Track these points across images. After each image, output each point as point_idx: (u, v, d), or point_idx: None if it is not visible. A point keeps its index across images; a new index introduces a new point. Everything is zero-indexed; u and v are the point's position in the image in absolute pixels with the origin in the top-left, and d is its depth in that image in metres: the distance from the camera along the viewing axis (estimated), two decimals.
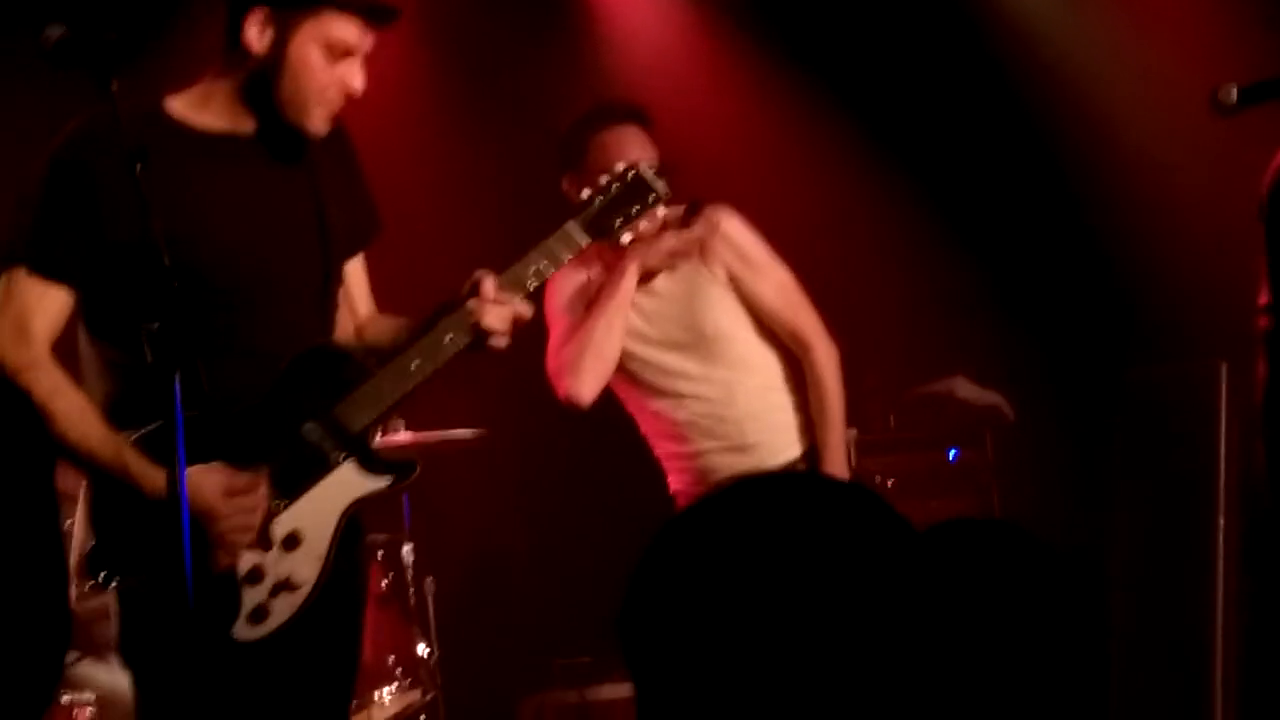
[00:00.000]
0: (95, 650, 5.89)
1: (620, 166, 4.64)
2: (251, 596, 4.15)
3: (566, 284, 5.67)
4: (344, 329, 4.49)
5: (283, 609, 4.18)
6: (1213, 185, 7.28)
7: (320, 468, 4.26)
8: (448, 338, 4.36)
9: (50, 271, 4.11)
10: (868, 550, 2.00)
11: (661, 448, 5.78)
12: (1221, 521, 6.60)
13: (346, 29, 4.18)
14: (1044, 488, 7.51)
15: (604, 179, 4.62)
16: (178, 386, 3.73)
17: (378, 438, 4.90)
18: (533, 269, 4.45)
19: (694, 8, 8.20)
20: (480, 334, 4.34)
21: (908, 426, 7.71)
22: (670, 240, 5.56)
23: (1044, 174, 8.07)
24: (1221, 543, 6.52)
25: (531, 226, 6.57)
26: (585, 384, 5.45)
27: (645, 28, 8.18)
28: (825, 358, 5.67)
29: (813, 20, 8.18)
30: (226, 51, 4.25)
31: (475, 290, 4.36)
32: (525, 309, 4.42)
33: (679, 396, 5.67)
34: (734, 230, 5.64)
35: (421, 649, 6.96)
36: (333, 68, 4.18)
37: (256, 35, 4.17)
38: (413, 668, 6.92)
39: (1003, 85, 8.04)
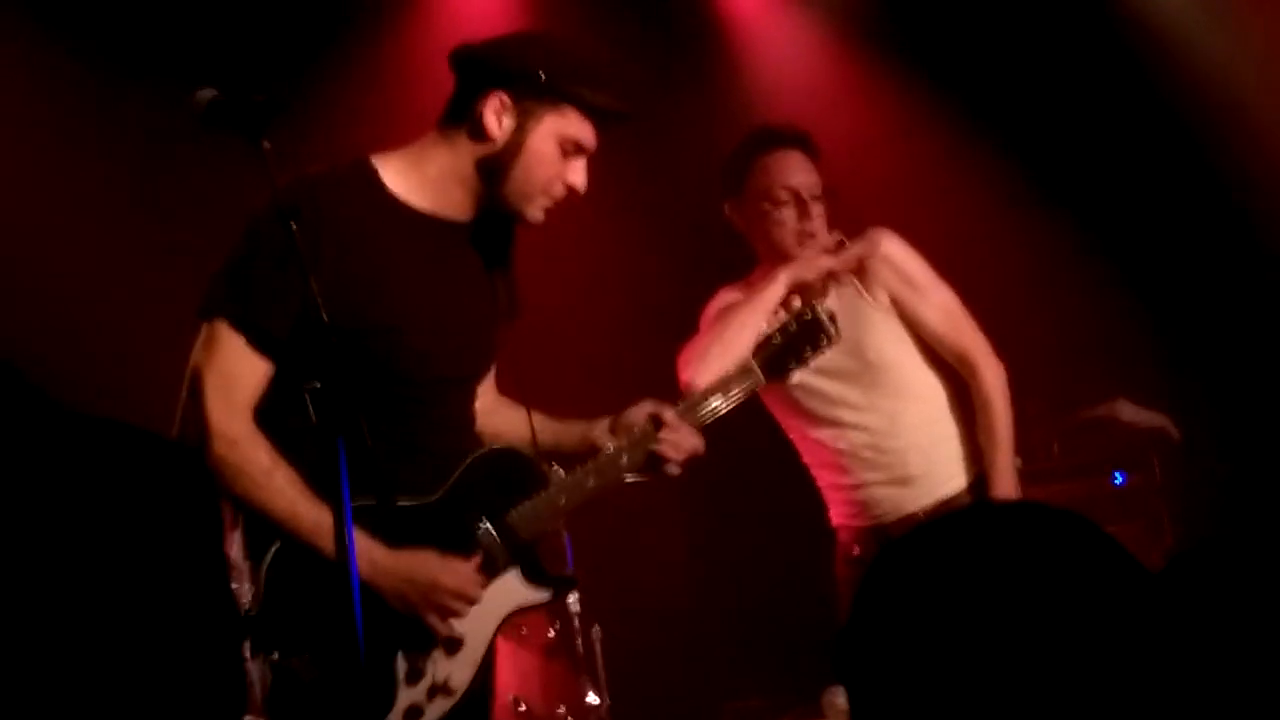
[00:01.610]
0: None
1: (798, 304, 4.78)
2: (407, 695, 4.14)
3: (725, 298, 5.65)
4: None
5: (434, 712, 4.18)
6: None
7: (488, 571, 4.26)
8: (624, 459, 4.44)
9: (260, 342, 4.10)
10: (1093, 582, 1.95)
11: (823, 478, 5.73)
12: None
13: (585, 129, 4.23)
14: (1214, 507, 7.39)
15: (783, 317, 4.73)
16: (342, 446, 3.71)
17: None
18: (710, 405, 4.58)
19: (839, 34, 8.18)
20: (656, 461, 4.43)
21: (1072, 453, 7.61)
22: (828, 259, 5.51)
23: (1204, 189, 7.96)
24: None
25: (689, 262, 6.59)
26: (706, 377, 5.14)
27: (790, 56, 8.18)
28: (993, 378, 5.61)
29: (959, 41, 8.14)
30: (449, 124, 4.26)
31: (655, 420, 4.45)
32: (700, 443, 4.50)
33: (841, 425, 5.61)
34: (895, 252, 5.60)
35: (591, 698, 6.93)
36: (563, 163, 4.22)
37: (496, 120, 4.17)
38: (584, 717, 6.89)
39: (1158, 101, 7.96)
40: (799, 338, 4.72)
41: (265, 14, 7.39)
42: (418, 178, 4.24)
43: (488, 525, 4.26)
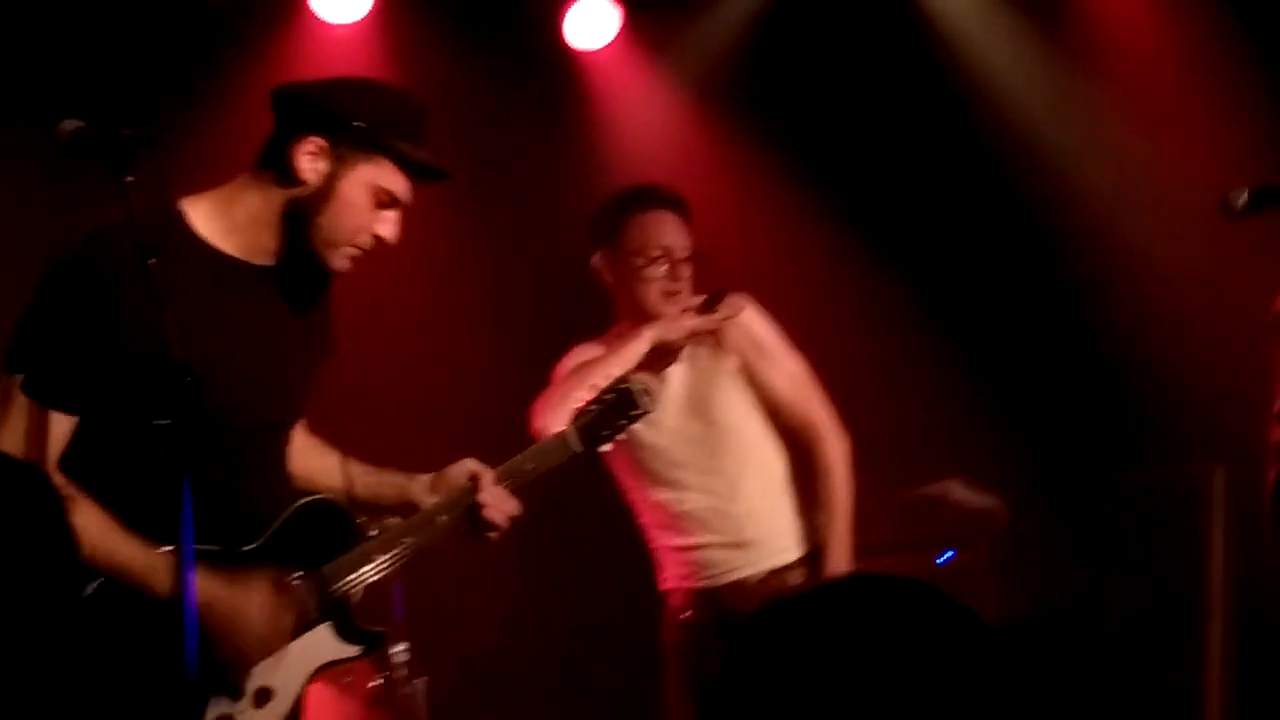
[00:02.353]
0: None
1: (615, 373, 4.88)
2: None
3: (576, 356, 5.72)
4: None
5: None
6: (1212, 290, 7.31)
7: (300, 625, 4.24)
8: (441, 518, 4.45)
9: (51, 400, 4.05)
10: (946, 649, 2.00)
11: (660, 539, 5.77)
12: (1214, 627, 6.61)
13: (399, 181, 4.20)
14: (1040, 590, 7.48)
15: (600, 389, 4.76)
16: (187, 484, 3.70)
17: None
18: (527, 467, 4.59)
19: (697, 94, 8.23)
20: (475, 523, 4.45)
21: (903, 530, 7.68)
22: (692, 320, 5.56)
23: (1042, 274, 8.08)
24: (1213, 647, 6.51)
25: (530, 311, 6.60)
26: (558, 428, 5.18)
27: (648, 113, 8.22)
28: (836, 450, 5.70)
29: (822, 121, 8.21)
30: (262, 165, 4.22)
31: (474, 482, 4.45)
32: (515, 506, 4.52)
33: (683, 488, 5.67)
34: (749, 318, 5.69)
35: None
36: (374, 212, 4.19)
37: (309, 164, 4.14)
38: None
39: (1004, 186, 8.07)
40: (613, 408, 4.73)
41: (134, 46, 7.35)
42: (226, 221, 4.19)
43: (300, 577, 4.23)
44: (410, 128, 4.21)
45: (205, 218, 4.20)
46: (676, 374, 5.68)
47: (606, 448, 4.77)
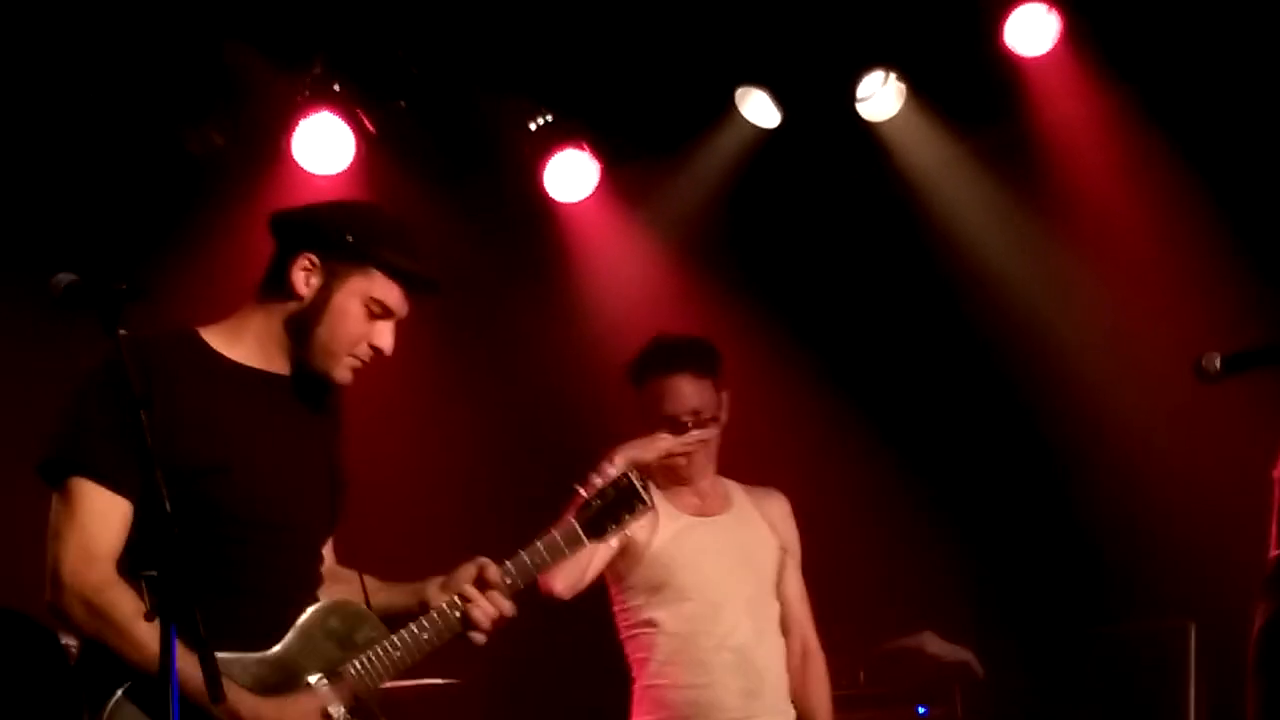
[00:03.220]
0: None
1: (614, 473, 4.90)
2: None
3: None
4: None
5: None
6: (1185, 449, 7.37)
7: None
8: (456, 614, 4.47)
9: (115, 483, 4.09)
10: None
11: (653, 676, 5.79)
12: None
13: (391, 292, 4.31)
14: None
15: (599, 483, 4.86)
16: (174, 636, 3.71)
17: None
18: (536, 560, 4.64)
19: (673, 249, 8.31)
20: (465, 622, 4.47)
21: (877, 682, 7.68)
22: (666, 440, 5.70)
23: (1020, 431, 8.14)
24: None
25: (518, 478, 6.67)
26: (561, 580, 5.55)
27: (627, 270, 8.29)
28: (825, 669, 6.01)
29: (796, 272, 8.31)
30: (265, 289, 4.37)
31: (481, 578, 4.51)
32: (509, 607, 4.53)
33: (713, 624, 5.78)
34: (790, 517, 6.08)
35: None
36: (369, 323, 4.31)
37: (304, 279, 4.28)
38: None
39: (981, 343, 8.15)
40: (616, 503, 4.80)
41: (122, 196, 7.41)
42: (238, 340, 4.32)
43: (323, 678, 4.26)
44: (395, 238, 4.35)
45: (219, 339, 4.33)
46: (722, 522, 5.89)
47: (612, 541, 4.98)
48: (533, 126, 7.87)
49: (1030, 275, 8.12)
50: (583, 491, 4.90)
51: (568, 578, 5.57)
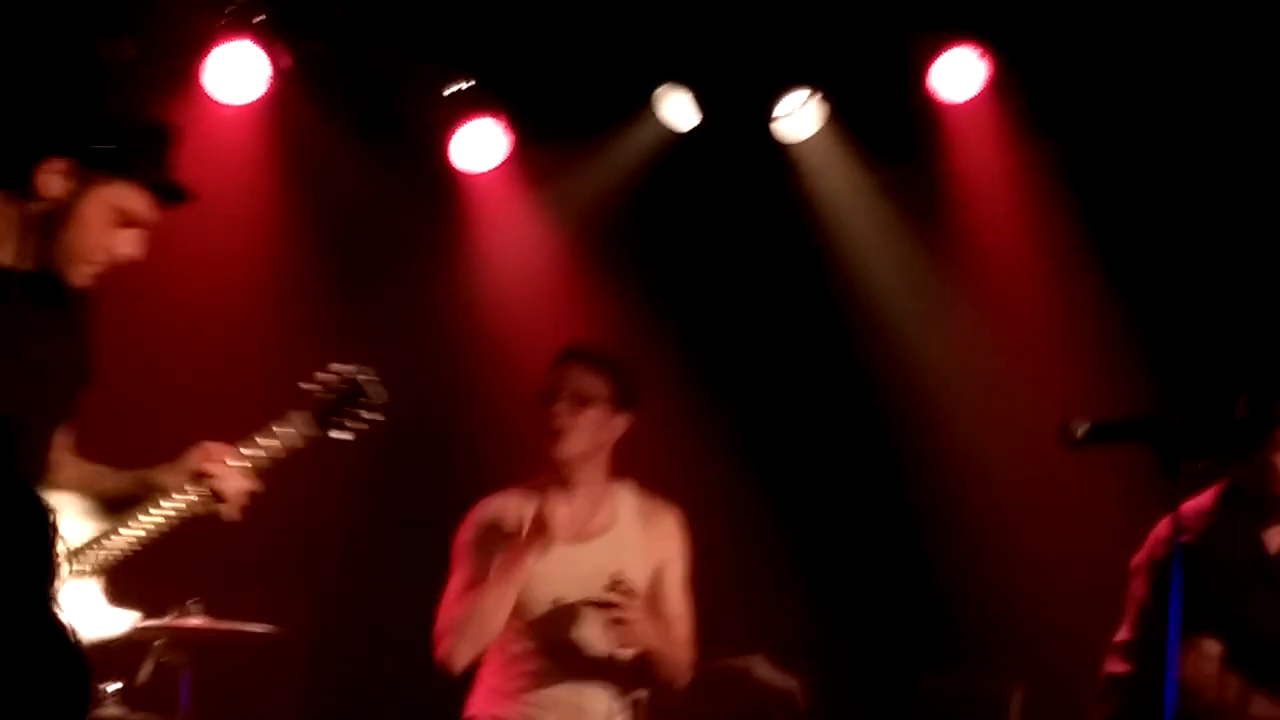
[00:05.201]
0: None
1: (341, 367, 4.92)
2: None
3: (484, 516, 5.87)
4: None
5: None
6: (1045, 512, 7.39)
7: None
8: (179, 496, 4.59)
9: None
10: None
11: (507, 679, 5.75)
12: None
13: (138, 201, 4.43)
14: None
15: (331, 378, 4.89)
16: None
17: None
18: (263, 447, 4.73)
19: (574, 234, 8.28)
20: (213, 496, 4.61)
21: (702, 698, 7.64)
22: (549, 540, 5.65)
23: (883, 470, 8.15)
24: None
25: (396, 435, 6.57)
26: (460, 655, 5.63)
27: (524, 248, 8.25)
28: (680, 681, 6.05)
29: (692, 279, 8.30)
30: (17, 186, 4.42)
31: (206, 455, 4.62)
32: (248, 484, 4.68)
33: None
34: (679, 536, 6.05)
35: None
36: (113, 231, 4.40)
37: (50, 181, 4.35)
38: None
39: (860, 379, 8.17)
40: (346, 398, 4.87)
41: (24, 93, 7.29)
42: None
43: None
44: (148, 148, 4.47)
45: None
46: (594, 548, 5.86)
47: (342, 435, 4.88)
48: (449, 91, 7.79)
49: (919, 316, 8.14)
50: (303, 386, 4.90)
51: (474, 642, 5.64)
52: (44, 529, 1.80)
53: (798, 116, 7.82)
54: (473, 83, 7.74)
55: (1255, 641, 5.49)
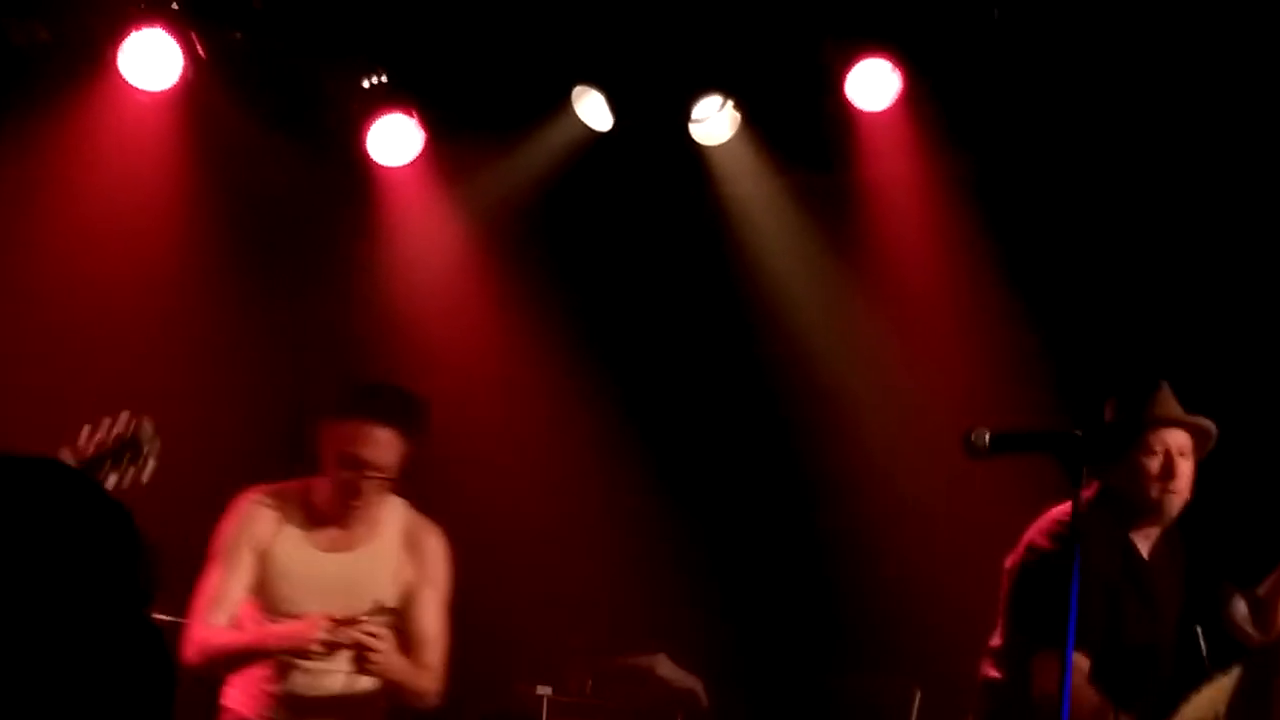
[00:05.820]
0: None
1: (125, 416, 4.88)
2: None
3: (251, 516, 5.84)
4: None
5: None
6: (947, 517, 7.46)
7: None
8: None
9: None
10: None
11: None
12: None
13: None
14: None
15: (108, 424, 4.85)
16: None
17: None
18: None
19: (483, 231, 8.29)
20: None
21: (604, 695, 7.69)
22: (320, 635, 5.67)
23: (786, 472, 8.19)
24: None
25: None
26: (197, 669, 5.62)
27: (434, 243, 8.26)
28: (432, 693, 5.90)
29: (599, 280, 8.32)
30: None
31: None
32: None
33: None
34: (441, 556, 5.97)
35: None
36: None
37: None
38: None
39: (765, 383, 8.22)
40: (123, 447, 4.86)
41: None
42: None
43: None
44: None
45: None
46: (343, 560, 5.84)
47: (110, 483, 4.80)
48: (365, 84, 7.78)
49: (827, 322, 8.19)
50: (85, 432, 4.86)
51: (210, 671, 5.71)
52: (131, 532, 1.80)
53: (713, 121, 7.85)
54: (387, 78, 7.74)
55: (1125, 649, 5.54)
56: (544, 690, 7.45)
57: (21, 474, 1.71)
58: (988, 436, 4.86)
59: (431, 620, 5.87)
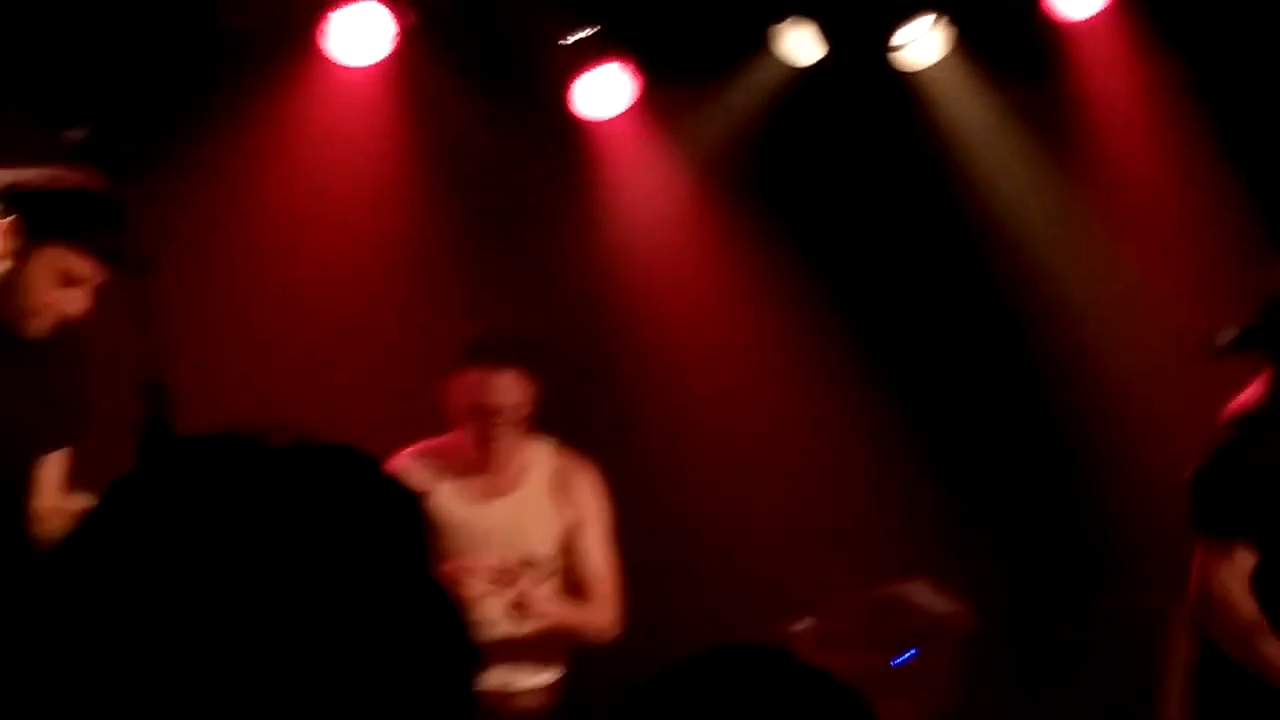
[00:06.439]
0: None
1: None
2: None
3: (404, 472, 5.90)
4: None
5: None
6: (1188, 428, 7.32)
7: None
8: None
9: None
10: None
11: None
12: None
13: (81, 265, 4.70)
14: (997, 702, 7.47)
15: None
16: None
17: None
18: None
19: (700, 177, 8.25)
20: None
21: (866, 625, 7.67)
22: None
23: (1032, 393, 8.10)
24: None
25: None
26: None
27: (652, 193, 8.24)
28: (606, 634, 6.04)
29: (821, 215, 8.26)
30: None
31: None
32: None
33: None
34: (596, 491, 6.13)
35: None
36: (60, 291, 4.70)
37: (3, 239, 4.65)
38: None
39: (996, 301, 8.11)
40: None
41: (145, 60, 7.33)
42: None
43: None
44: (92, 216, 4.69)
45: None
46: (498, 507, 6.00)
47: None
48: (572, 39, 7.79)
49: (1054, 236, 8.07)
50: None
51: None
52: (423, 514, 1.82)
53: (920, 44, 7.77)
54: (596, 29, 7.74)
55: None
56: (806, 624, 7.46)
57: (322, 461, 1.72)
58: (1233, 334, 4.77)
59: (597, 556, 6.02)
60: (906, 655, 7.58)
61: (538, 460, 6.07)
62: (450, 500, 5.92)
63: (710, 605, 7.57)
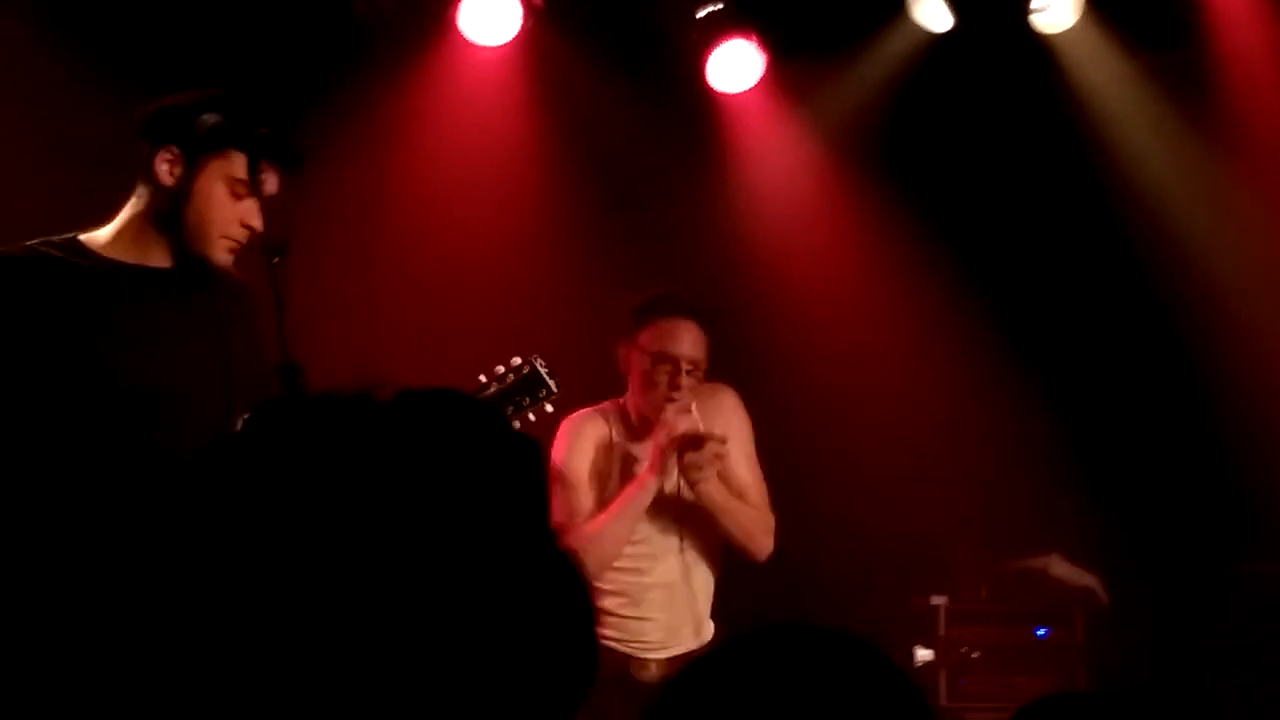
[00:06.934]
0: None
1: (518, 360, 4.92)
2: None
3: (586, 434, 6.03)
4: None
5: None
6: None
7: None
8: None
9: None
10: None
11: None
12: None
13: (246, 168, 4.50)
14: (1134, 676, 7.40)
15: (500, 369, 4.89)
16: None
17: None
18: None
19: (832, 150, 8.21)
20: None
21: (999, 600, 7.64)
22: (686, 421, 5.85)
23: (1167, 360, 8.01)
24: None
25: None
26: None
27: (785, 167, 8.21)
28: (766, 550, 6.05)
29: (954, 186, 8.19)
30: (140, 184, 4.57)
31: None
32: None
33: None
34: (738, 412, 6.15)
35: None
36: (236, 204, 4.49)
37: (167, 170, 4.48)
38: None
39: (1133, 268, 8.02)
40: (516, 388, 4.89)
41: (279, 49, 7.39)
42: (118, 237, 4.55)
43: None
44: (253, 115, 4.55)
45: (101, 240, 4.56)
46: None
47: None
48: (702, 13, 7.78)
49: (1193, 203, 7.96)
50: (482, 378, 4.92)
51: (600, 556, 5.79)
52: (541, 462, 1.82)
53: (1056, 7, 7.69)
54: (725, 3, 7.72)
55: None
56: (939, 600, 7.44)
57: (437, 406, 1.73)
58: None
59: (744, 469, 6.05)
60: (1041, 630, 7.54)
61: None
62: (621, 459, 6.00)
63: (851, 579, 7.57)
